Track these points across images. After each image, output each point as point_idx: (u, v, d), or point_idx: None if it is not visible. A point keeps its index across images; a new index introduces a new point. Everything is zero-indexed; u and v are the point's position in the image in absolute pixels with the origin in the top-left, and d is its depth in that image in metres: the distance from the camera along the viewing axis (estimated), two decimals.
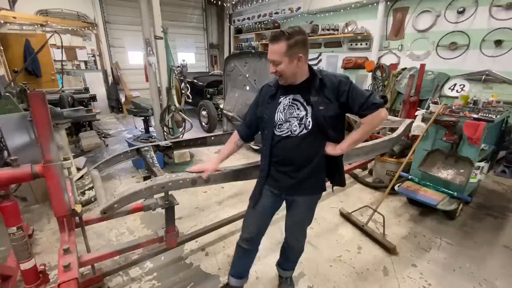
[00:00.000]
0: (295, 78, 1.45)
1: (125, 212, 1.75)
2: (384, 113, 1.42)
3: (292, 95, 1.50)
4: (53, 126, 1.40)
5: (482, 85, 4.32)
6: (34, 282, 1.53)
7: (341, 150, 1.49)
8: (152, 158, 2.31)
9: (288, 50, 1.34)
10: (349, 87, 1.41)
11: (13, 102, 3.08)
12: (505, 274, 2.23)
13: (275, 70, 1.42)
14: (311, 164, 1.51)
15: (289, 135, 1.49)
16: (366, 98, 1.39)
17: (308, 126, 1.45)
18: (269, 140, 1.54)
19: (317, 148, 1.50)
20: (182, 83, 4.13)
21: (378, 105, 1.40)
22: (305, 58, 1.41)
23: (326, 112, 1.42)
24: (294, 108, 1.48)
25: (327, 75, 1.46)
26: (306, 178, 1.54)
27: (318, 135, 1.47)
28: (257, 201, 1.68)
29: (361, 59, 6.37)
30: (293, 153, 1.50)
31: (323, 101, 1.43)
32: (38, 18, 6.84)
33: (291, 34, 1.32)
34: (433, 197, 2.80)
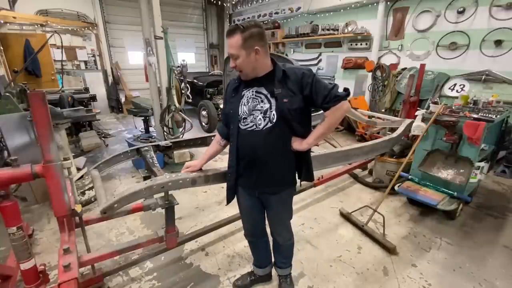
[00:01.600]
0: (255, 71, 1.45)
1: (125, 212, 1.75)
2: (346, 106, 1.42)
3: (255, 87, 1.49)
4: (53, 126, 1.40)
5: (482, 85, 4.32)
6: (34, 282, 1.53)
7: (307, 144, 1.48)
8: (152, 158, 2.31)
9: (243, 43, 1.34)
10: (312, 80, 1.40)
11: (13, 102, 3.08)
12: (505, 274, 2.23)
13: (234, 64, 1.41)
14: (278, 158, 1.51)
15: (254, 129, 1.48)
16: (329, 90, 1.39)
17: (272, 119, 1.44)
18: (235, 135, 1.54)
19: (283, 142, 1.49)
20: (182, 83, 4.13)
21: (341, 97, 1.39)
22: (263, 51, 1.40)
23: (291, 105, 1.41)
24: (258, 100, 1.47)
25: (291, 68, 1.46)
26: (274, 173, 1.54)
27: (283, 128, 1.46)
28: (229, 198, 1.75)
29: (361, 59, 6.37)
30: (259, 147, 1.48)
31: (287, 94, 1.42)
32: (38, 18, 6.84)
33: (246, 27, 1.33)
34: (433, 197, 2.79)
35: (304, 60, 7.67)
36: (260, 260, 2.03)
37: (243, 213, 1.83)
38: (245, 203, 1.74)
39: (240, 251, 2.46)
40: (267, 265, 2.05)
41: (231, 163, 1.62)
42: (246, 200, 1.72)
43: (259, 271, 2.04)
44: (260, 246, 1.98)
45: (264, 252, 2.01)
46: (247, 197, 1.70)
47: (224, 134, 1.72)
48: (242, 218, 1.89)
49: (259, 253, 2.02)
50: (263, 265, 2.03)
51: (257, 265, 2.04)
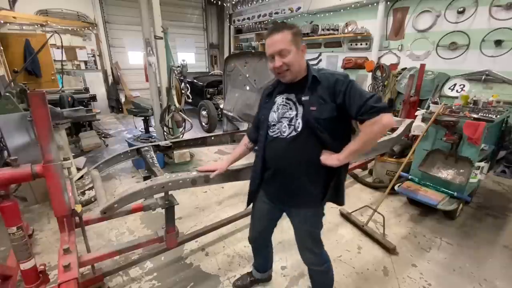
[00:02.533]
0: (300, 72, 1.35)
1: (125, 212, 1.75)
2: (386, 120, 1.19)
3: (286, 93, 1.41)
4: (53, 126, 1.40)
5: (482, 85, 4.32)
6: (34, 282, 1.53)
7: (338, 161, 1.29)
8: (152, 158, 2.31)
9: (293, 38, 1.27)
10: (346, 87, 1.25)
11: (13, 102, 3.07)
12: (505, 274, 2.23)
13: (282, 62, 1.28)
14: (302, 171, 1.37)
15: (278, 136, 1.39)
16: (365, 100, 1.21)
17: (297, 127, 1.33)
18: (262, 141, 1.48)
19: (308, 153, 1.34)
20: (182, 83, 4.13)
21: (379, 109, 1.18)
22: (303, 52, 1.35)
23: (319, 113, 1.28)
24: (287, 108, 1.38)
25: (324, 73, 1.34)
26: (296, 187, 1.41)
27: (309, 139, 1.32)
28: (250, 202, 1.70)
29: (361, 59, 6.37)
30: (281, 157, 1.40)
31: (317, 101, 1.29)
32: (38, 18, 6.84)
33: (290, 25, 1.30)
34: (433, 197, 2.80)
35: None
36: (259, 264, 2.02)
37: (255, 217, 1.74)
38: (261, 206, 1.65)
39: (240, 251, 2.46)
40: (266, 270, 2.05)
41: (256, 168, 1.56)
42: (263, 203, 1.63)
43: (258, 274, 2.04)
44: (261, 254, 1.96)
45: (264, 259, 2.00)
46: (266, 201, 1.60)
47: (253, 138, 1.68)
48: (251, 222, 1.79)
49: (259, 259, 2.00)
50: (261, 269, 2.03)
51: (256, 268, 2.03)
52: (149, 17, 3.86)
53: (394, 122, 1.28)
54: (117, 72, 8.37)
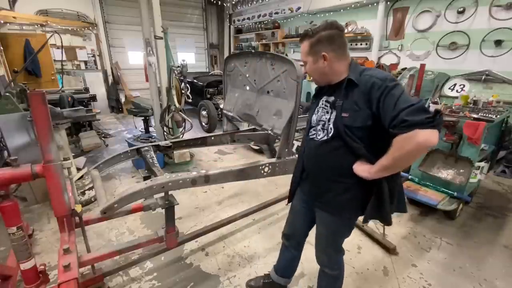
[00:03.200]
0: (327, 78, 1.31)
1: (125, 212, 1.75)
2: (422, 137, 0.99)
3: (327, 96, 1.36)
4: (53, 126, 1.39)
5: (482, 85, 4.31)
6: (34, 282, 1.52)
7: (368, 173, 1.19)
8: (152, 158, 2.30)
9: (310, 49, 1.26)
10: (382, 92, 1.09)
11: (13, 102, 3.08)
12: (505, 274, 2.23)
13: (305, 71, 1.37)
14: (328, 176, 1.34)
15: (313, 138, 1.39)
16: (400, 110, 1.02)
17: (329, 133, 1.29)
18: (304, 141, 1.51)
19: (337, 160, 1.29)
20: (182, 83, 4.13)
21: (411, 124, 1.00)
22: (333, 56, 1.24)
23: (352, 121, 1.18)
24: (325, 111, 1.35)
25: (365, 75, 1.19)
26: (323, 190, 1.39)
27: (339, 146, 1.26)
28: (290, 200, 1.71)
29: (361, 59, 6.37)
30: (312, 158, 1.41)
31: (350, 107, 1.19)
32: (38, 18, 6.84)
33: (315, 32, 1.24)
34: (433, 197, 2.80)
35: None
36: (280, 265, 1.93)
37: (291, 212, 1.75)
38: (296, 204, 1.68)
39: (240, 251, 2.46)
40: (285, 276, 1.92)
41: (297, 169, 1.58)
42: (298, 201, 1.66)
43: (275, 275, 1.92)
44: (288, 255, 1.86)
45: (290, 263, 1.89)
46: (300, 199, 1.63)
47: None
48: (288, 218, 1.79)
49: (282, 258, 1.91)
50: (279, 272, 1.92)
51: (276, 269, 1.94)
52: (149, 17, 3.87)
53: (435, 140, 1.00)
54: (117, 72, 8.37)
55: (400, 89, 1.10)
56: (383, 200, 1.27)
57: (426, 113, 1.01)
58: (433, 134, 1.00)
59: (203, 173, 1.85)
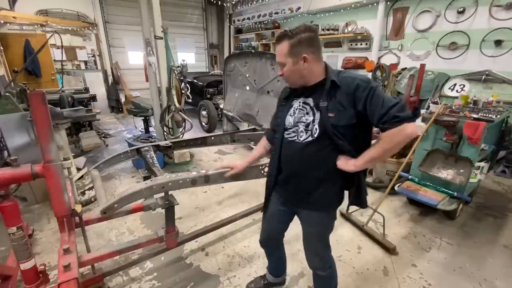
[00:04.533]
0: (304, 80, 1.34)
1: (125, 212, 1.75)
2: (410, 130, 1.15)
3: (303, 98, 1.38)
4: (53, 126, 1.40)
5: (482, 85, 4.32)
6: (34, 282, 1.53)
7: (354, 166, 1.28)
8: (152, 158, 2.31)
9: (290, 50, 1.25)
10: (367, 94, 1.20)
11: (13, 102, 3.08)
12: (505, 274, 2.23)
13: (281, 72, 1.34)
14: (315, 175, 1.37)
15: (294, 140, 1.39)
16: (388, 108, 1.16)
17: (314, 133, 1.32)
18: (278, 144, 1.47)
19: (323, 159, 1.34)
20: (182, 83, 4.13)
21: (402, 119, 1.15)
22: (313, 58, 1.27)
23: (337, 120, 1.25)
24: (303, 112, 1.36)
25: (345, 77, 1.28)
26: (309, 190, 1.41)
27: (325, 145, 1.31)
28: (265, 207, 1.69)
29: (361, 59, 6.37)
30: (295, 159, 1.40)
31: (335, 108, 1.25)
32: (38, 18, 6.84)
33: (294, 33, 1.24)
34: (433, 197, 2.79)
35: None
36: (272, 267, 1.98)
37: (266, 219, 1.74)
38: (272, 208, 1.66)
39: (240, 251, 2.46)
40: (280, 275, 2.00)
41: (271, 171, 1.55)
42: (274, 205, 1.63)
43: (270, 277, 1.99)
44: (273, 257, 1.93)
45: (277, 263, 1.96)
46: (278, 203, 1.61)
47: (270, 138, 1.66)
48: (263, 224, 1.79)
49: (272, 262, 1.97)
50: (274, 273, 1.98)
51: (270, 272, 1.99)
52: (149, 17, 3.87)
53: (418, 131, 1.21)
54: (117, 72, 8.37)
55: (380, 90, 1.24)
56: (362, 188, 1.44)
57: (407, 110, 1.18)
58: (416, 125, 1.18)
59: (203, 173, 1.85)
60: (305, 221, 1.55)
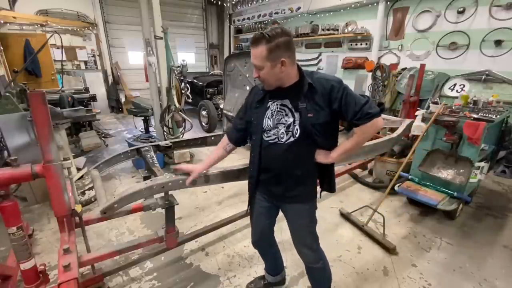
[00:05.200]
0: (280, 82, 1.37)
1: (125, 212, 1.75)
2: (380, 123, 1.33)
3: (280, 100, 1.41)
4: (53, 126, 1.39)
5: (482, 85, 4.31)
6: (34, 282, 1.53)
7: (332, 159, 1.42)
8: (152, 158, 2.30)
9: (269, 54, 1.24)
10: (341, 94, 1.31)
11: (13, 102, 3.08)
12: (505, 274, 2.23)
13: (258, 75, 1.34)
14: (299, 172, 1.45)
15: (276, 142, 1.42)
16: (361, 106, 1.29)
17: (295, 134, 1.38)
18: (257, 146, 1.48)
19: (305, 156, 1.43)
20: (182, 83, 4.13)
21: (373, 115, 1.29)
22: (290, 61, 1.30)
23: (316, 119, 1.34)
24: (282, 114, 1.40)
25: (319, 79, 1.35)
26: (294, 186, 1.49)
27: (306, 143, 1.39)
28: (251, 208, 1.72)
29: (361, 59, 6.37)
30: (280, 160, 1.44)
31: (313, 108, 1.34)
32: (38, 18, 6.84)
33: (272, 36, 1.22)
34: (433, 197, 2.79)
35: (304, 60, 7.66)
36: (269, 267, 1.99)
37: (254, 218, 1.75)
38: (257, 207, 1.68)
39: (240, 251, 2.46)
40: (278, 273, 2.00)
41: (252, 173, 1.58)
42: (260, 202, 1.66)
43: (270, 277, 2.00)
44: (268, 255, 1.94)
45: (273, 261, 1.97)
46: (263, 201, 1.65)
47: (234, 139, 1.66)
48: (252, 225, 1.80)
49: (268, 262, 1.98)
50: (273, 273, 1.99)
51: (268, 272, 2.00)
52: (149, 17, 3.87)
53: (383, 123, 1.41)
54: (117, 72, 8.37)
55: (350, 89, 1.35)
56: (332, 176, 1.59)
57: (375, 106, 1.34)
58: (382, 119, 1.36)
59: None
60: (292, 214, 1.61)
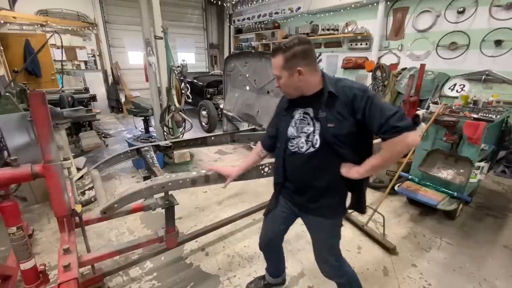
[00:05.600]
0: (300, 91, 1.34)
1: (125, 212, 1.75)
2: (410, 139, 1.13)
3: (303, 108, 1.38)
4: (53, 126, 1.39)
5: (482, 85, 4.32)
6: (34, 282, 1.52)
7: (357, 173, 1.28)
8: (152, 158, 2.31)
9: (285, 64, 1.27)
10: (365, 103, 1.19)
11: (13, 102, 3.08)
12: (505, 274, 2.23)
13: (278, 84, 1.36)
14: (321, 184, 1.38)
15: (296, 152, 1.39)
16: (387, 118, 1.14)
17: (315, 144, 1.32)
18: (281, 154, 1.48)
19: (327, 168, 1.35)
20: (182, 83, 4.13)
21: (401, 129, 1.12)
22: (308, 70, 1.27)
23: (338, 130, 1.25)
24: (305, 123, 1.36)
25: (343, 87, 1.27)
26: (317, 197, 1.42)
27: (327, 154, 1.31)
28: (269, 211, 1.69)
29: (361, 59, 6.37)
30: (300, 170, 1.41)
31: (334, 118, 1.26)
32: (38, 18, 6.84)
33: (288, 46, 1.24)
34: (433, 197, 2.79)
35: None
36: (271, 269, 1.98)
37: (269, 220, 1.73)
38: (278, 211, 1.65)
39: (240, 251, 2.46)
40: (279, 275, 2.00)
41: (277, 180, 1.57)
42: (281, 208, 1.63)
43: (270, 278, 1.99)
44: (272, 259, 1.93)
45: (276, 264, 1.96)
46: (284, 207, 1.61)
47: (266, 146, 1.66)
48: (264, 226, 1.78)
49: (270, 264, 1.96)
50: (274, 274, 1.98)
51: (269, 273, 1.99)
52: (149, 17, 3.87)
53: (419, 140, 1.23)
54: (117, 72, 8.37)
55: (378, 98, 1.23)
56: (362, 194, 1.46)
57: (407, 118, 1.16)
58: (417, 135, 1.17)
59: (203, 173, 1.85)
60: (313, 227, 1.56)
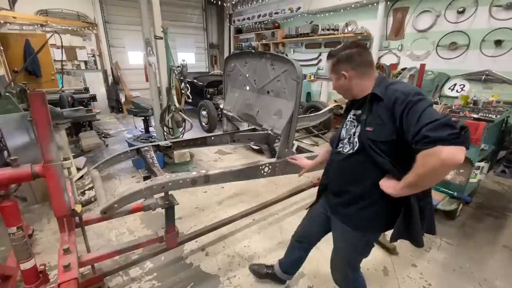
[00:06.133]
0: (351, 94, 1.34)
1: (125, 212, 1.75)
2: (446, 154, 0.94)
3: (354, 110, 1.38)
4: (53, 126, 1.40)
5: (482, 85, 4.32)
6: (34, 282, 1.53)
7: (393, 189, 1.15)
8: (152, 158, 2.31)
9: (332, 68, 1.33)
10: (404, 108, 1.06)
11: (13, 102, 3.07)
12: (505, 274, 2.23)
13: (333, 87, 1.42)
14: (355, 190, 1.32)
15: (340, 152, 1.39)
16: (421, 126, 0.99)
17: (355, 146, 1.30)
18: (332, 153, 1.51)
19: (361, 174, 1.28)
20: (182, 83, 4.13)
21: (433, 140, 0.95)
22: (353, 74, 1.26)
23: (376, 135, 1.17)
24: (353, 125, 1.36)
25: (391, 89, 1.15)
26: (347, 203, 1.36)
27: (364, 160, 1.24)
28: (311, 206, 1.72)
29: None
30: (338, 170, 1.41)
31: (374, 122, 1.18)
32: (38, 18, 6.84)
33: (335, 52, 1.30)
34: (433, 197, 2.79)
35: (304, 60, 7.67)
36: (286, 261, 1.95)
37: (309, 216, 1.76)
38: (316, 210, 1.68)
39: (240, 251, 2.46)
40: (288, 272, 1.97)
41: (323, 181, 1.58)
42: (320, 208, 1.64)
43: (278, 270, 1.97)
44: (295, 253, 1.89)
45: (293, 260, 1.92)
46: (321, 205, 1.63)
47: None
48: (304, 218, 1.80)
49: (289, 256, 1.93)
50: (283, 267, 1.96)
51: (280, 263, 1.97)
52: (149, 17, 3.86)
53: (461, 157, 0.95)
54: (117, 72, 8.37)
55: (424, 104, 1.05)
56: (412, 219, 1.22)
57: (450, 128, 0.96)
58: (459, 150, 0.95)
59: (203, 173, 1.85)
60: (336, 232, 1.53)
